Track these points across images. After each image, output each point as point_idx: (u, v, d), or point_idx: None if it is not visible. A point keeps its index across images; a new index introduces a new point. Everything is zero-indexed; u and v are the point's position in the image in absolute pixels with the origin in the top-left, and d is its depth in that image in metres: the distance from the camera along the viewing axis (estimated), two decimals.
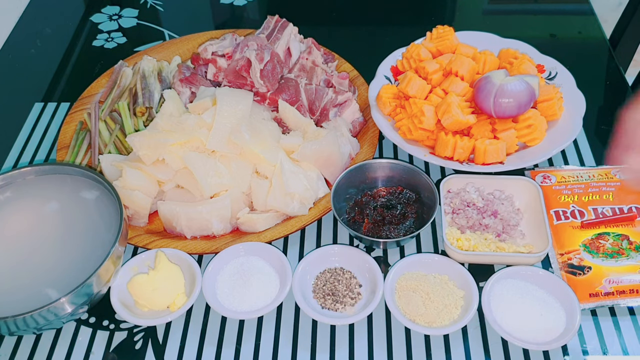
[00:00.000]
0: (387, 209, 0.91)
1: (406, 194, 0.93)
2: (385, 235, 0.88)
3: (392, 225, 0.89)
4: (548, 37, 1.29)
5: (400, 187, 0.94)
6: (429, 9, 1.40)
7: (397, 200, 0.92)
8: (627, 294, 0.81)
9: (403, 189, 0.93)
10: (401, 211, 0.91)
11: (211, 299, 0.81)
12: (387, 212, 0.90)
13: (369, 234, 0.88)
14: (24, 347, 0.81)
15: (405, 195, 0.93)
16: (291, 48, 1.10)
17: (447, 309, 0.80)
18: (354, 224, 0.91)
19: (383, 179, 0.95)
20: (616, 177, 0.95)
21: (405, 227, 0.89)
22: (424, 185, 0.91)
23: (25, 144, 1.09)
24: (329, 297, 0.83)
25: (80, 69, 1.26)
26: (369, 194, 0.94)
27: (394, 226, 0.89)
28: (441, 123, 0.96)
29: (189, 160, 0.90)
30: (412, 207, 0.91)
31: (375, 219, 0.90)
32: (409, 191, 0.93)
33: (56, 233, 0.83)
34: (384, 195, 0.93)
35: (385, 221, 0.89)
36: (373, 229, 0.89)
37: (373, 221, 0.90)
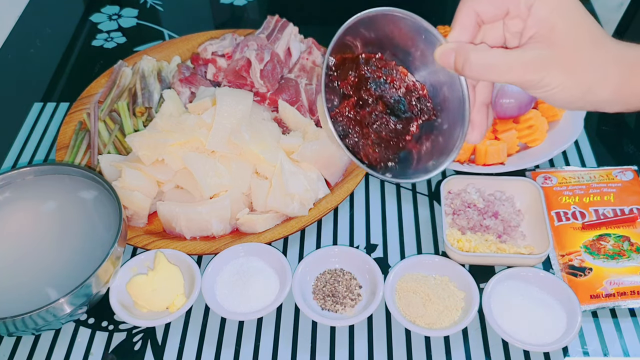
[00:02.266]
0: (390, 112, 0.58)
1: (425, 104, 0.60)
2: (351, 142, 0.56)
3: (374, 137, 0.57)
4: None
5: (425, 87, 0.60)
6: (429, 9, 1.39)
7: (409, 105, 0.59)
8: (628, 296, 0.81)
9: (426, 96, 0.60)
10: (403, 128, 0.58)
11: (210, 299, 0.81)
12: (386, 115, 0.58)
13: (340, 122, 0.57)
14: (23, 348, 0.81)
15: (423, 104, 0.60)
16: (291, 48, 1.10)
17: (447, 310, 0.79)
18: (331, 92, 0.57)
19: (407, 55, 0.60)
20: (617, 178, 0.95)
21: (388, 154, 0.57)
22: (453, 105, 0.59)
23: (25, 144, 1.09)
24: (328, 298, 0.82)
25: (79, 68, 1.26)
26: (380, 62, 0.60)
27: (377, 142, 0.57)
28: None
29: (188, 160, 0.90)
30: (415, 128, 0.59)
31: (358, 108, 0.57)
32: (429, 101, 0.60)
33: (55, 233, 0.83)
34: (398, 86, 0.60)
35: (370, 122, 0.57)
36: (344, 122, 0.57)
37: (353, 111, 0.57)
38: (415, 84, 0.60)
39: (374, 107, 0.57)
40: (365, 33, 0.58)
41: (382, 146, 0.57)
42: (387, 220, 0.94)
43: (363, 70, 0.58)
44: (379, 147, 0.57)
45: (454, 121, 0.58)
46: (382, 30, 0.59)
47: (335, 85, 0.58)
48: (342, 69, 0.58)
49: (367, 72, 0.58)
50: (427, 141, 0.60)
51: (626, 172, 0.95)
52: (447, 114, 0.59)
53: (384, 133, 0.57)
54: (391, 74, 0.59)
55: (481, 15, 0.57)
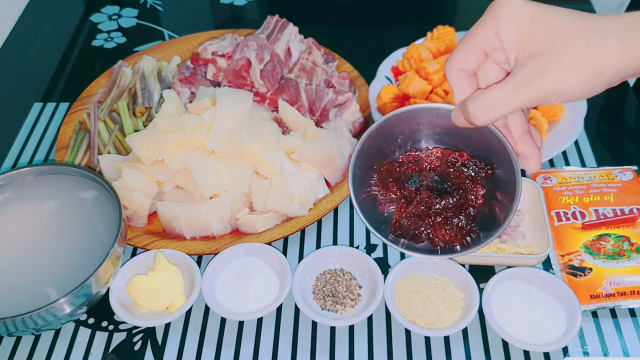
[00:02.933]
0: (437, 193, 0.59)
1: (472, 166, 0.61)
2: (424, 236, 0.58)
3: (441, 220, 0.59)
4: None
5: (465, 153, 0.61)
6: (430, 9, 1.40)
7: (457, 176, 0.60)
8: (628, 296, 0.81)
9: (470, 158, 0.61)
10: (459, 200, 0.59)
11: (210, 300, 0.81)
12: (435, 198, 0.59)
13: (399, 231, 0.60)
14: (23, 348, 0.81)
15: (472, 167, 0.61)
16: (291, 48, 1.10)
17: (447, 310, 0.79)
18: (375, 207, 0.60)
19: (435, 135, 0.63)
20: (617, 178, 0.95)
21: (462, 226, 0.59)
22: (500, 153, 0.58)
23: (25, 144, 1.09)
24: (328, 299, 0.82)
25: (79, 68, 1.26)
26: (412, 157, 0.63)
27: (443, 223, 0.59)
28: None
29: (188, 160, 0.90)
30: (479, 189, 0.60)
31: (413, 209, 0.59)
32: (476, 162, 0.61)
33: (55, 233, 0.83)
34: (436, 166, 0.61)
35: (431, 213, 0.59)
36: (407, 224, 0.59)
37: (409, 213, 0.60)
38: (454, 154, 0.62)
39: (419, 199, 0.59)
40: (389, 133, 0.62)
41: (452, 224, 0.59)
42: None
43: (397, 173, 0.62)
44: (449, 228, 0.59)
45: (507, 165, 0.59)
46: (402, 125, 0.62)
47: (381, 197, 0.62)
48: (382, 180, 0.63)
49: (402, 172, 0.61)
50: (499, 195, 0.60)
51: (626, 172, 0.95)
52: (499, 162, 0.60)
53: (444, 212, 0.58)
54: (427, 160, 0.62)
55: (466, 69, 0.58)
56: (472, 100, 0.55)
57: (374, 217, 0.61)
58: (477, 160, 0.62)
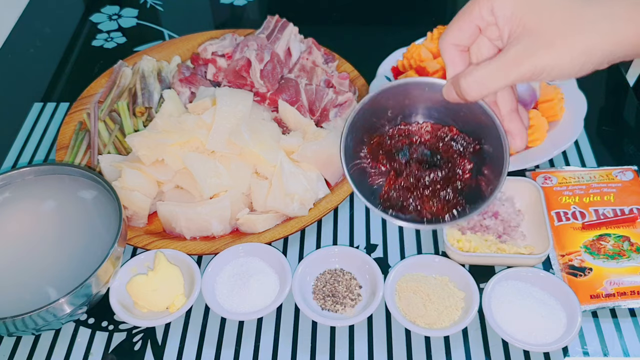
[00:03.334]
0: (426, 166, 0.61)
1: (461, 141, 0.63)
2: (412, 208, 0.60)
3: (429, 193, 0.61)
4: None
5: (454, 128, 0.63)
6: (430, 9, 1.40)
7: (446, 151, 0.63)
8: (628, 296, 0.81)
9: (459, 133, 0.63)
10: (447, 174, 0.61)
11: (210, 300, 0.81)
12: (425, 171, 0.61)
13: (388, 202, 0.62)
14: (23, 348, 0.81)
15: (460, 142, 0.63)
16: (291, 48, 1.10)
17: (447, 310, 0.79)
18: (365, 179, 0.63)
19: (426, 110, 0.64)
20: (617, 178, 0.95)
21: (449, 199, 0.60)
22: (489, 129, 0.60)
23: (24, 144, 1.09)
24: (328, 299, 0.82)
25: (79, 69, 1.26)
26: (402, 130, 0.64)
27: (430, 196, 0.61)
28: None
29: (188, 160, 0.90)
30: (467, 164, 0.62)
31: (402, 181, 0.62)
32: (465, 137, 0.63)
33: (55, 233, 0.83)
34: (426, 140, 0.63)
35: (420, 185, 0.61)
36: (395, 196, 0.62)
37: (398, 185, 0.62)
38: (444, 129, 0.63)
39: (408, 172, 0.61)
40: (381, 106, 0.62)
41: (439, 197, 0.60)
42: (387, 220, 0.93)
43: (388, 146, 0.62)
44: (436, 200, 0.60)
45: (496, 141, 0.60)
46: (394, 99, 0.63)
47: (371, 169, 0.63)
48: (372, 153, 0.63)
49: (393, 145, 0.62)
50: (485, 170, 0.61)
51: (626, 172, 0.95)
52: (488, 138, 0.61)
53: (432, 185, 0.59)
54: (417, 134, 0.63)
55: (460, 44, 0.59)
56: (464, 75, 0.56)
57: (363, 188, 0.62)
58: (466, 135, 0.63)
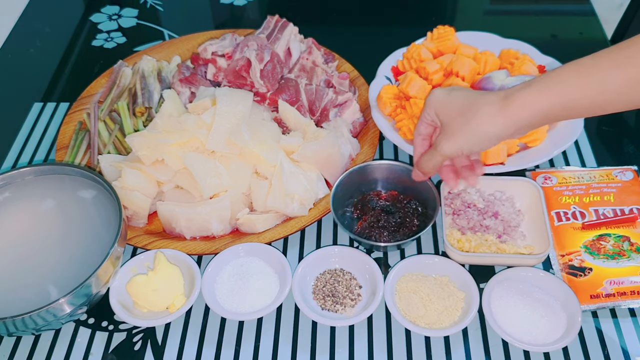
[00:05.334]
0: (387, 214, 0.90)
1: (412, 204, 0.91)
2: (375, 238, 0.87)
3: (387, 230, 0.89)
4: (549, 37, 1.29)
5: (408, 196, 0.93)
6: (430, 9, 1.40)
7: (399, 208, 0.91)
8: (628, 296, 0.81)
9: (410, 199, 0.92)
10: (400, 220, 0.90)
11: (210, 300, 0.81)
12: (385, 215, 0.90)
13: (362, 234, 0.89)
14: (23, 347, 0.81)
15: (411, 205, 0.91)
16: (291, 48, 1.10)
17: (447, 310, 0.79)
18: (352, 223, 0.92)
19: (384, 181, 0.95)
20: (617, 178, 0.95)
21: (399, 235, 0.88)
22: (425, 190, 0.90)
23: (25, 144, 1.09)
24: (328, 298, 0.82)
25: (79, 68, 1.26)
26: (373, 194, 0.94)
27: (388, 232, 0.89)
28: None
29: (188, 160, 0.90)
30: (413, 218, 0.90)
31: (372, 221, 0.90)
32: (415, 202, 0.92)
33: (55, 233, 0.83)
34: (386, 199, 0.93)
35: (380, 225, 0.89)
36: (367, 230, 0.89)
37: (370, 223, 0.89)
38: (401, 196, 0.93)
39: (373, 214, 0.91)
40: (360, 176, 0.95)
41: (391, 232, 0.89)
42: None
43: (366, 202, 0.93)
44: (389, 234, 0.89)
45: (433, 204, 0.89)
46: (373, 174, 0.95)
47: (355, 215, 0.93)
48: (355, 205, 0.94)
49: (370, 201, 0.93)
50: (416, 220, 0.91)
51: (626, 172, 0.95)
52: (428, 202, 0.91)
53: (388, 225, 0.89)
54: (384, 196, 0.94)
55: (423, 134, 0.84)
56: (416, 163, 0.85)
57: (345, 226, 0.89)
58: (417, 201, 0.92)
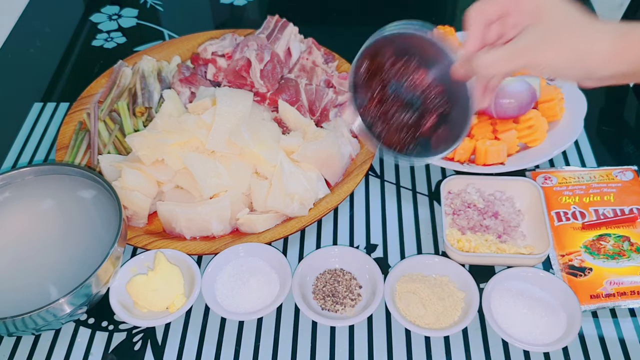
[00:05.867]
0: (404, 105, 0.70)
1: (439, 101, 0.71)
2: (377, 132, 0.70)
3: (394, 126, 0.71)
4: None
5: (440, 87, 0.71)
6: (430, 9, 1.40)
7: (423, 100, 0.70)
8: (628, 296, 0.81)
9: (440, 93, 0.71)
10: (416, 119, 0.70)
11: (210, 300, 0.81)
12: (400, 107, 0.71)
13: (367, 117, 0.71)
14: (23, 347, 0.81)
15: (437, 101, 0.71)
16: (291, 48, 1.10)
17: (447, 310, 0.79)
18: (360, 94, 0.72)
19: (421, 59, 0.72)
20: (617, 178, 0.95)
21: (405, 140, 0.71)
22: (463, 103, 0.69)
23: (24, 144, 1.09)
24: (328, 299, 0.82)
25: (79, 68, 1.26)
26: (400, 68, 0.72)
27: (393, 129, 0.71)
28: None
29: (188, 160, 0.90)
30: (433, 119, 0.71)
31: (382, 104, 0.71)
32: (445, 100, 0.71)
33: (55, 233, 0.83)
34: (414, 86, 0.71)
35: (390, 116, 0.70)
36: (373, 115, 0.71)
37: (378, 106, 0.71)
38: (432, 84, 0.71)
39: (393, 104, 0.70)
40: (393, 43, 0.71)
41: (401, 134, 0.70)
42: (387, 220, 0.94)
43: (387, 75, 0.71)
44: (398, 135, 0.70)
45: (463, 115, 0.69)
46: (408, 42, 0.71)
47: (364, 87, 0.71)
48: (370, 74, 0.71)
49: (391, 76, 0.71)
50: (442, 130, 0.70)
51: (626, 172, 0.95)
52: (458, 108, 0.70)
53: (401, 123, 0.69)
54: (411, 77, 0.71)
55: (488, 17, 0.67)
56: (477, 57, 0.65)
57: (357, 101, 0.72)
58: (445, 97, 0.71)
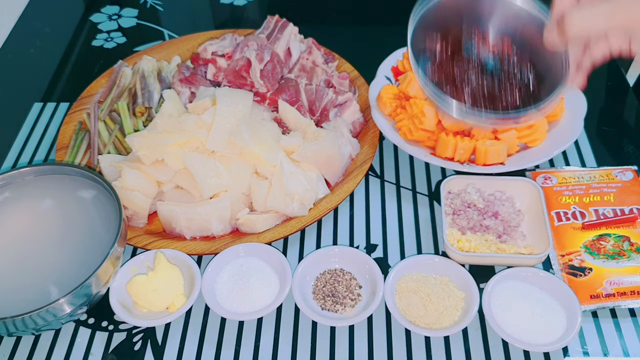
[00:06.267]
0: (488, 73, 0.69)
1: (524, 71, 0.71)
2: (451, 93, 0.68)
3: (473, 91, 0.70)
4: None
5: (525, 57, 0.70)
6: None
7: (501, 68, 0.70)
8: (628, 296, 0.81)
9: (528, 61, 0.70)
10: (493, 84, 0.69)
11: (210, 300, 0.81)
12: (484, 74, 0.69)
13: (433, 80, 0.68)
14: (23, 348, 0.81)
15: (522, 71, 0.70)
16: (291, 48, 1.10)
17: (447, 310, 0.79)
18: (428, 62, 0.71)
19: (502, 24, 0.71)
20: (617, 178, 0.95)
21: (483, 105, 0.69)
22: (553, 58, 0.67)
23: (24, 144, 1.09)
24: (328, 299, 0.82)
25: (79, 68, 1.26)
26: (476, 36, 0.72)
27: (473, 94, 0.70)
28: (442, 124, 0.96)
29: (188, 160, 0.90)
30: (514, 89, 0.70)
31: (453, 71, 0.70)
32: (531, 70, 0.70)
33: (55, 233, 0.83)
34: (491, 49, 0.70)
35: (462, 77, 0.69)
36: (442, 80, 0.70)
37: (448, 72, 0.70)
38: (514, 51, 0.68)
39: (467, 66, 0.67)
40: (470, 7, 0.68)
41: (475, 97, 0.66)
42: (387, 220, 0.94)
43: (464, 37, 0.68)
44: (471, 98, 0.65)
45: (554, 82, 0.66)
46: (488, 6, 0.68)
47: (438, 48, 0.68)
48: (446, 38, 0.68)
49: (466, 38, 0.68)
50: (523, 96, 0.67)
51: (626, 172, 0.95)
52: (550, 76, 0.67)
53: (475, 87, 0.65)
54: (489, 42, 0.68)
55: None
56: (562, 19, 0.61)
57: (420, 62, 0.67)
58: (528, 66, 0.68)
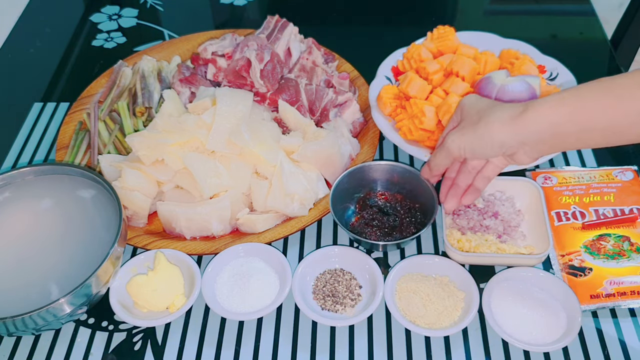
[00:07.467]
0: (383, 214, 0.91)
1: (406, 205, 0.92)
2: (367, 236, 0.89)
3: (380, 230, 0.89)
4: (549, 37, 1.29)
5: (401, 195, 0.93)
6: (430, 9, 1.40)
7: (396, 210, 0.92)
8: (628, 296, 0.81)
9: (403, 198, 0.93)
10: (393, 222, 0.90)
11: (210, 300, 0.81)
12: (379, 215, 0.91)
13: (355, 230, 0.90)
14: (23, 348, 0.81)
15: (405, 206, 0.92)
16: (291, 48, 1.10)
17: (447, 310, 0.79)
18: (352, 219, 0.93)
19: (383, 182, 0.95)
20: (617, 178, 0.95)
21: (392, 237, 0.89)
22: (424, 191, 0.90)
23: (24, 144, 1.09)
24: (328, 298, 0.82)
25: (79, 68, 1.26)
26: (377, 193, 0.95)
27: (381, 231, 0.89)
28: (442, 124, 0.96)
29: (188, 160, 0.90)
30: (408, 219, 0.90)
31: (368, 219, 0.91)
32: (409, 202, 0.92)
33: (55, 233, 0.83)
34: (384, 199, 0.94)
35: (374, 224, 0.90)
36: (360, 227, 0.90)
37: (365, 220, 0.91)
38: (404, 199, 0.93)
39: (371, 214, 0.91)
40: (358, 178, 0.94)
41: (382, 232, 0.90)
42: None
43: (367, 200, 0.94)
44: (380, 232, 0.90)
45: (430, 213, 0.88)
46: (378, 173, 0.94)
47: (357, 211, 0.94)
48: (361, 203, 0.94)
49: (370, 199, 0.94)
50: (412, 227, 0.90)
51: (626, 172, 0.95)
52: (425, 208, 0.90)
53: (380, 225, 0.90)
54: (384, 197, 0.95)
55: None
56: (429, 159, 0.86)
57: (345, 221, 0.92)
58: (414, 206, 0.92)
